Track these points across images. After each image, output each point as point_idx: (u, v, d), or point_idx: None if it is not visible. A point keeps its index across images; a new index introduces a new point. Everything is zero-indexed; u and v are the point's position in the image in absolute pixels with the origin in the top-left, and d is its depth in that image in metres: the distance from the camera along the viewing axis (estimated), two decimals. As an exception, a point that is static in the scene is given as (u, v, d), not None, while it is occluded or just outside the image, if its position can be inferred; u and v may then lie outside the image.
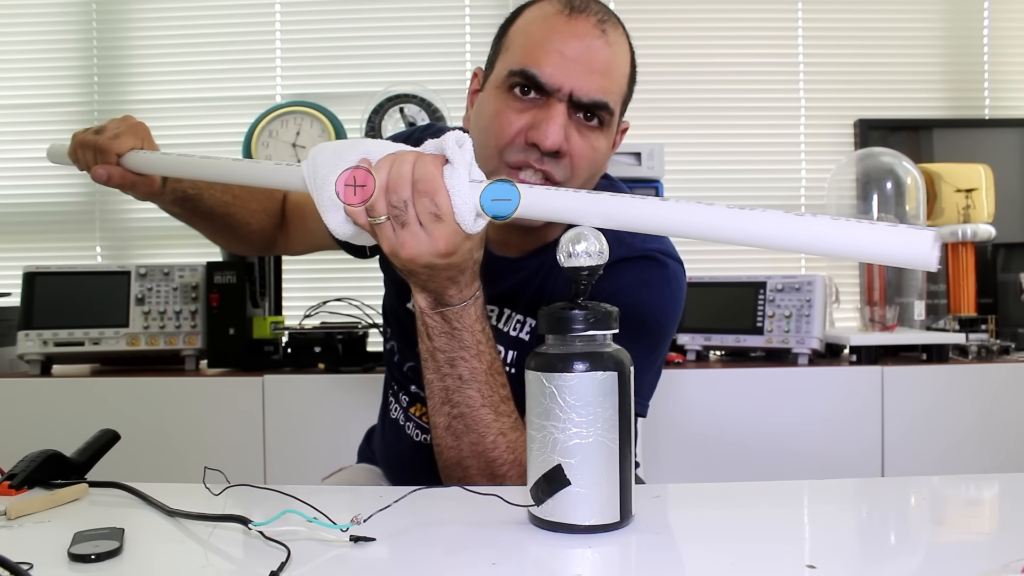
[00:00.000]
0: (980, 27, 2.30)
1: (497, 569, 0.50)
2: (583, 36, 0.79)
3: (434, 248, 0.64)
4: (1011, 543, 0.54)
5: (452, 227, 0.63)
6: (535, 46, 0.79)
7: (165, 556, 0.56)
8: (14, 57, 2.27)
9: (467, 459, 0.75)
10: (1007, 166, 2.19)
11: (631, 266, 0.86)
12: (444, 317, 0.70)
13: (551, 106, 0.78)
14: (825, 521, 0.64)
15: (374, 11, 2.26)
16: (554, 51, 0.78)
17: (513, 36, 0.83)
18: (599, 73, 0.79)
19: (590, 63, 0.78)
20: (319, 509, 0.58)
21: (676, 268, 0.89)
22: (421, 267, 0.66)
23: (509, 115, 0.80)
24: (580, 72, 0.78)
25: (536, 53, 0.79)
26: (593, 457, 0.56)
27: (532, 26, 0.82)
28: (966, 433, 1.64)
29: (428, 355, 0.73)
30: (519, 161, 0.80)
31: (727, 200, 2.25)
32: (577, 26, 0.79)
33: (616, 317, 0.59)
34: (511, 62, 0.81)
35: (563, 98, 0.78)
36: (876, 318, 1.81)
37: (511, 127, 0.80)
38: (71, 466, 0.74)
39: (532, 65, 0.78)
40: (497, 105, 0.81)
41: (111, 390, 1.67)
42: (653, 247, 0.88)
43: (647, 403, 0.89)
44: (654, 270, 0.87)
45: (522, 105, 0.80)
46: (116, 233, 2.27)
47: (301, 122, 1.95)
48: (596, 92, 0.79)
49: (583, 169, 0.82)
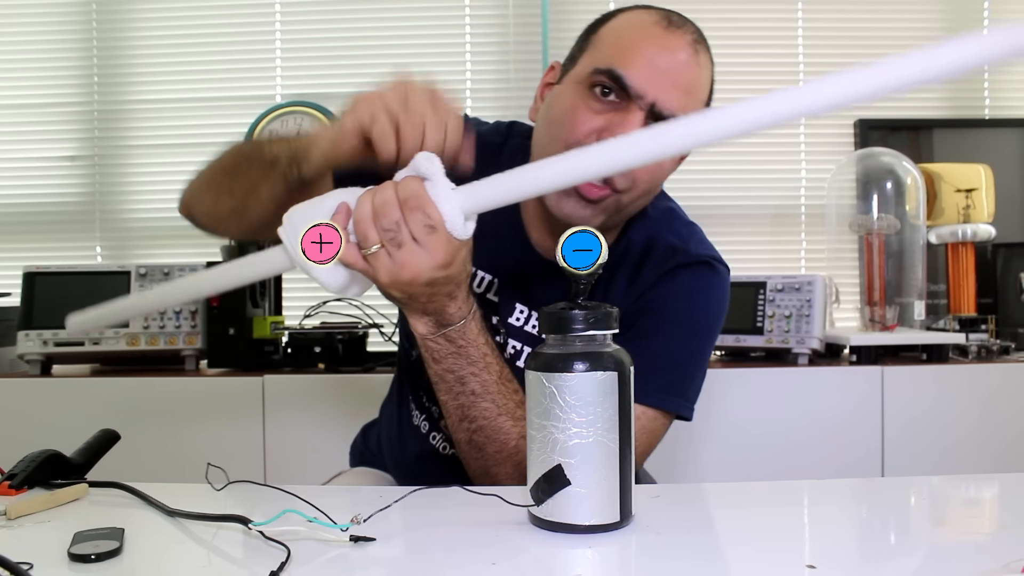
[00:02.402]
0: (980, 27, 2.30)
1: (497, 569, 0.50)
2: (676, 50, 0.78)
3: (433, 260, 0.64)
4: (1011, 543, 0.54)
5: (445, 236, 0.64)
6: (627, 49, 0.79)
7: (165, 556, 0.56)
8: (14, 57, 2.27)
9: (494, 467, 0.76)
10: (1007, 166, 2.19)
11: (689, 272, 0.87)
12: (448, 338, 0.71)
13: (630, 112, 0.78)
14: (825, 521, 0.64)
15: (374, 11, 2.25)
16: (645, 58, 0.78)
17: (604, 35, 0.83)
18: (684, 90, 0.79)
19: (678, 78, 0.78)
20: (320, 508, 0.58)
21: (726, 274, 0.91)
22: (422, 286, 0.66)
23: (586, 113, 0.79)
24: (666, 85, 0.78)
25: (626, 56, 0.78)
26: (593, 457, 0.56)
27: (626, 30, 0.81)
28: (966, 433, 1.64)
29: (437, 378, 0.74)
30: None
31: (727, 200, 2.25)
32: (672, 39, 0.79)
33: (616, 317, 0.59)
34: (598, 60, 0.80)
35: (644, 107, 0.78)
36: (876, 318, 1.81)
37: (585, 125, 0.79)
38: (71, 466, 0.75)
39: (620, 66, 0.78)
40: (575, 101, 0.81)
41: (111, 390, 1.67)
42: (707, 253, 0.90)
43: (693, 406, 0.88)
44: (709, 276, 0.89)
45: (601, 106, 0.79)
46: (116, 233, 2.27)
47: (301, 122, 1.95)
48: (677, 108, 0.78)
49: (646, 182, 0.82)
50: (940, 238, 1.94)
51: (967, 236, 1.89)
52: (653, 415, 0.84)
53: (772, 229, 2.27)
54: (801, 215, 2.27)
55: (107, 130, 2.26)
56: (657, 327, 0.85)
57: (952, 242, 1.92)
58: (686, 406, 0.87)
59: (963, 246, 1.91)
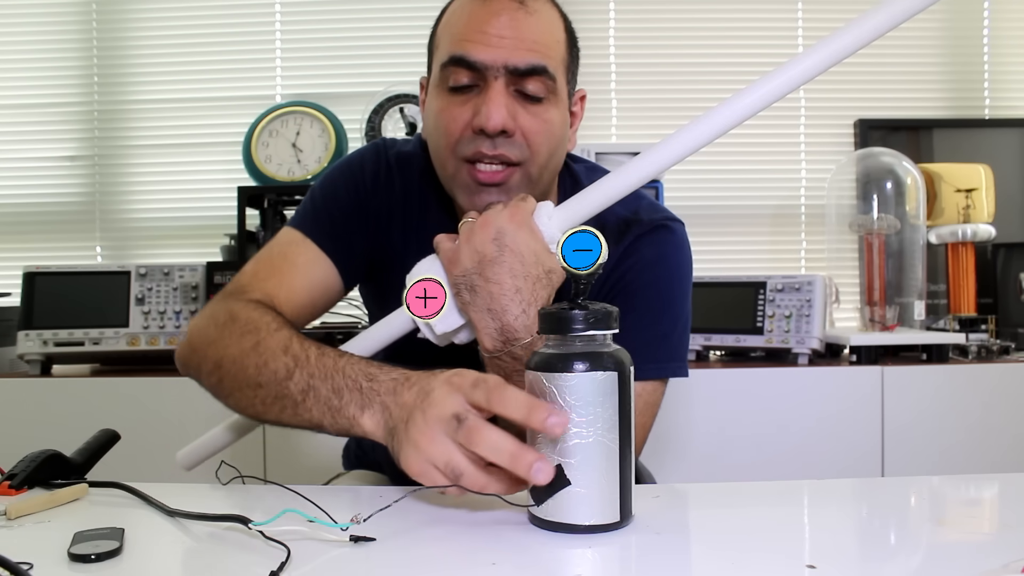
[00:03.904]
0: (980, 27, 2.30)
1: (497, 569, 0.50)
2: (501, 12, 0.79)
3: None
4: (1011, 543, 0.54)
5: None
6: (459, 35, 0.80)
7: (165, 556, 0.56)
8: (14, 57, 2.27)
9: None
10: (1007, 166, 2.19)
11: (648, 241, 0.88)
12: (514, 356, 0.71)
13: (489, 86, 0.78)
14: (825, 521, 0.64)
15: (374, 11, 2.26)
16: (477, 32, 0.78)
17: (439, 35, 0.84)
18: (529, 40, 0.79)
19: (517, 34, 0.78)
20: (320, 507, 0.58)
21: (683, 231, 0.92)
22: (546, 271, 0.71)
23: (451, 110, 0.80)
24: (508, 44, 0.78)
25: (461, 39, 0.79)
26: (593, 457, 0.56)
27: (453, 18, 0.82)
28: (966, 433, 1.64)
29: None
30: (472, 153, 0.79)
31: (727, 200, 2.25)
32: (494, 4, 0.79)
33: (616, 317, 0.59)
34: (441, 56, 0.81)
35: (499, 74, 0.78)
36: (876, 318, 1.81)
37: (456, 121, 0.80)
38: (71, 466, 0.74)
39: (459, 50, 0.79)
40: (439, 103, 0.81)
41: (111, 390, 1.67)
42: (660, 216, 0.90)
43: (684, 364, 0.91)
44: (668, 239, 0.90)
45: (463, 97, 0.80)
46: (116, 233, 2.27)
47: (301, 122, 1.95)
48: (531, 57, 0.78)
49: (540, 145, 0.81)
50: (940, 238, 1.94)
51: (967, 236, 1.89)
52: (652, 388, 0.85)
53: (772, 229, 2.27)
54: (801, 215, 2.27)
55: (107, 130, 2.26)
56: (633, 304, 0.85)
57: (952, 242, 1.92)
58: (680, 367, 0.89)
59: (963, 246, 1.91)
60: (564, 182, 0.94)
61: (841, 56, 0.72)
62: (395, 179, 0.92)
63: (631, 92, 2.26)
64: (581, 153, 1.84)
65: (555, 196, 0.92)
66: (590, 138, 2.22)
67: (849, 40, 0.72)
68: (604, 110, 2.26)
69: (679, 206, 2.19)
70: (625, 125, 2.26)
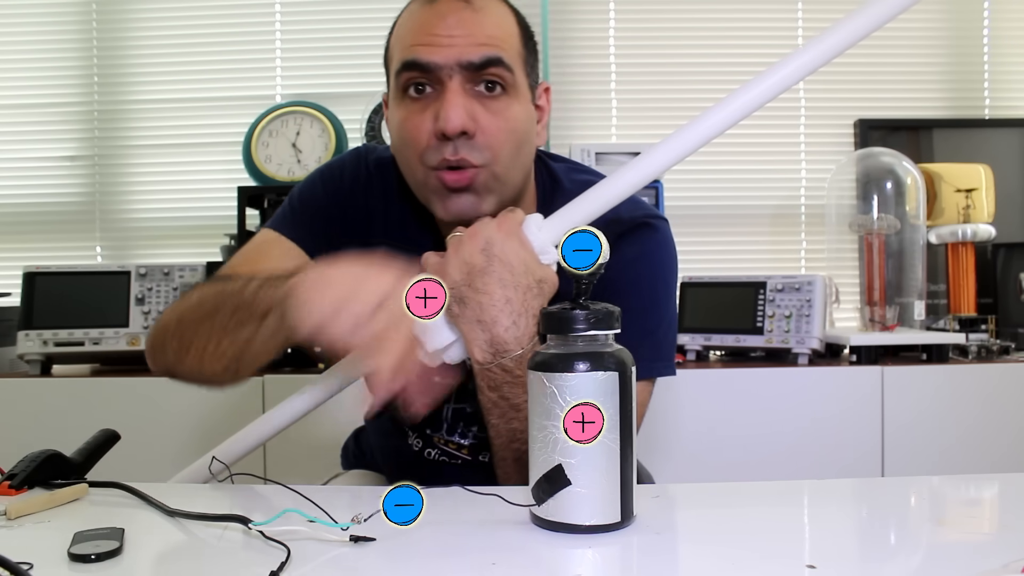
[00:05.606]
0: (980, 27, 2.30)
1: (497, 569, 0.50)
2: (447, 13, 0.78)
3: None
4: (1011, 543, 0.54)
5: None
6: (409, 40, 0.79)
7: (165, 556, 0.56)
8: (14, 57, 2.27)
9: None
10: (1007, 166, 2.19)
11: (629, 240, 0.86)
12: (504, 368, 0.71)
13: (446, 87, 0.77)
14: (825, 521, 0.64)
15: (374, 11, 2.25)
16: (426, 35, 0.78)
17: (392, 47, 0.83)
18: (479, 35, 0.78)
19: (467, 32, 0.77)
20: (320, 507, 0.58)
21: (666, 228, 0.91)
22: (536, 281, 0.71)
23: (413, 119, 0.79)
24: (459, 42, 0.77)
25: (411, 45, 0.78)
26: (594, 457, 0.56)
27: (401, 28, 0.82)
28: (966, 433, 1.64)
29: (491, 404, 0.74)
30: (438, 161, 0.78)
31: (727, 200, 2.25)
32: (439, 7, 0.79)
33: (618, 317, 0.59)
34: (395, 65, 0.80)
35: (452, 73, 0.77)
36: (876, 318, 1.81)
37: (419, 130, 0.78)
38: (71, 466, 0.74)
39: (410, 55, 0.78)
40: (400, 113, 0.81)
41: (111, 390, 1.67)
42: (641, 214, 0.89)
43: (672, 363, 0.90)
44: (650, 237, 0.88)
45: (421, 104, 0.79)
46: (116, 233, 2.27)
47: (301, 122, 1.95)
48: (484, 51, 0.77)
49: (502, 143, 0.79)
50: (940, 238, 1.94)
51: (967, 236, 1.89)
52: (640, 388, 0.85)
53: (772, 229, 2.27)
54: (801, 215, 2.27)
55: (107, 130, 2.26)
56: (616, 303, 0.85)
57: (952, 242, 1.92)
58: (667, 366, 0.89)
59: (963, 246, 1.91)
60: (543, 181, 0.92)
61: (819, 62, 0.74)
62: (375, 184, 0.92)
63: (631, 92, 2.26)
64: (580, 154, 1.84)
65: (533, 195, 0.91)
66: (590, 138, 2.22)
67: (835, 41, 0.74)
68: (604, 110, 2.26)
69: (679, 206, 2.20)
70: (625, 125, 2.26)
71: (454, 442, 0.93)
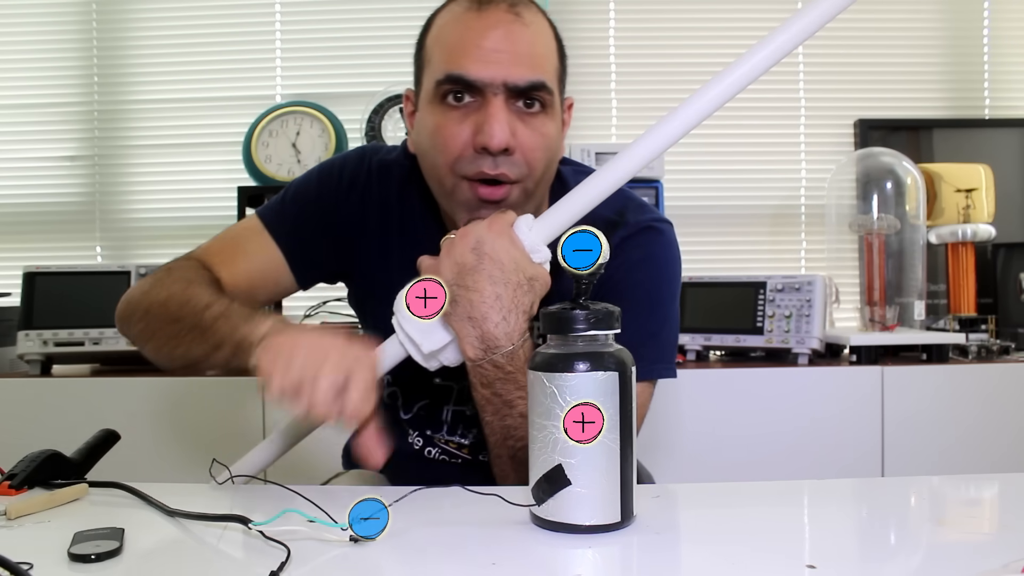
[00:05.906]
0: (980, 27, 2.30)
1: (497, 569, 0.50)
2: (498, 25, 0.77)
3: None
4: (1011, 543, 0.54)
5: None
6: (454, 49, 0.78)
7: (165, 556, 0.56)
8: (14, 57, 2.26)
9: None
10: (1007, 166, 2.19)
11: (634, 243, 0.87)
12: (495, 364, 0.71)
13: (489, 103, 0.77)
14: (825, 521, 0.64)
15: (374, 11, 2.25)
16: (474, 47, 0.77)
17: (431, 47, 0.82)
18: (526, 55, 0.78)
19: (514, 49, 0.77)
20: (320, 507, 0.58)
21: (671, 232, 0.92)
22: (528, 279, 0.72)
23: (451, 127, 0.78)
24: (507, 60, 0.77)
25: (457, 55, 0.77)
26: (594, 457, 0.56)
27: (445, 31, 0.81)
28: (966, 433, 1.64)
29: (484, 401, 0.74)
30: (474, 173, 0.78)
31: (727, 200, 2.25)
32: (489, 17, 0.78)
33: (618, 317, 0.59)
34: (436, 71, 0.79)
35: (498, 91, 0.77)
36: (876, 318, 1.81)
37: (456, 139, 0.78)
38: (71, 466, 0.75)
39: (456, 68, 0.77)
40: (436, 119, 0.80)
41: (111, 390, 1.67)
42: (646, 218, 0.90)
43: (673, 365, 0.90)
44: (655, 240, 0.89)
45: (460, 113, 0.78)
46: (116, 233, 2.27)
47: (301, 122, 1.95)
48: (529, 74, 0.77)
49: (539, 160, 0.80)
50: (940, 238, 1.94)
51: (967, 236, 1.89)
52: (640, 389, 0.85)
53: (772, 229, 2.27)
54: (801, 215, 2.27)
55: (107, 130, 2.26)
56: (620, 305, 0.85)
57: (952, 242, 1.92)
58: (668, 368, 0.89)
59: (963, 246, 1.91)
60: (553, 187, 0.93)
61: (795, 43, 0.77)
62: (373, 187, 0.92)
63: (631, 92, 2.26)
64: (580, 153, 1.84)
65: (546, 204, 0.91)
66: (590, 138, 2.22)
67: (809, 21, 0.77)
68: (604, 110, 2.26)
69: (679, 206, 2.20)
70: (625, 125, 2.26)
71: (454, 441, 0.94)
